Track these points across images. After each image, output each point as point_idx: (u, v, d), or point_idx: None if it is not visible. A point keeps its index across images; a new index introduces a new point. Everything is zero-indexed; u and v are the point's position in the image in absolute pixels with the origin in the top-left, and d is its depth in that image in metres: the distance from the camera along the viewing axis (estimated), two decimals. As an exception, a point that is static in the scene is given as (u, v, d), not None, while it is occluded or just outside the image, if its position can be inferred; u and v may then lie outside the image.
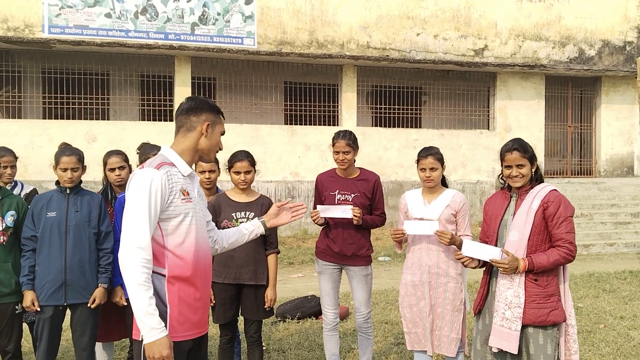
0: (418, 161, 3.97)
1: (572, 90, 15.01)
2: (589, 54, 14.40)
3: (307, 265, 10.27)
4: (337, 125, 13.08)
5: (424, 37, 13.40)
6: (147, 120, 12.46)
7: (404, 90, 13.82)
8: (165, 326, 2.44)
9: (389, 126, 13.59)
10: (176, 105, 11.92)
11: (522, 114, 14.07)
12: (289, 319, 6.32)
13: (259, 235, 3.08)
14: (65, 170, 3.81)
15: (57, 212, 3.78)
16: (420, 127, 14.10)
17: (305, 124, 13.15)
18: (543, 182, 3.39)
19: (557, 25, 14.16)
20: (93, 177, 7.04)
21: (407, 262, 4.01)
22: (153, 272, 2.47)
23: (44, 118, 12.16)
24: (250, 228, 3.05)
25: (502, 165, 3.38)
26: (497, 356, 3.32)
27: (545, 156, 14.42)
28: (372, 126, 13.70)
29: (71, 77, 11.87)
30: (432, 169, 3.91)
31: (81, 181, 3.92)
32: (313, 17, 12.78)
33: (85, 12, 11.40)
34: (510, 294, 3.22)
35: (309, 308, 6.49)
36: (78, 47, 11.34)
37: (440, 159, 3.94)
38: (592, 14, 14.34)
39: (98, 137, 11.26)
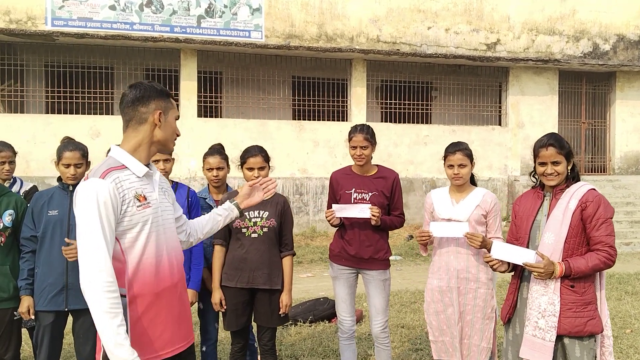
0: (445, 157, 3.69)
1: (586, 86, 14.69)
2: (604, 49, 14.06)
3: (317, 265, 10.02)
4: (346, 120, 12.82)
5: (435, 31, 13.09)
6: (152, 115, 12.20)
7: (414, 85, 13.53)
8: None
9: (399, 122, 13.31)
10: (182, 100, 11.70)
11: (535, 110, 13.77)
12: (300, 322, 6.06)
13: (233, 219, 2.84)
14: (68, 166, 3.57)
15: (58, 210, 3.53)
16: (430, 122, 13.82)
17: (314, 120, 12.89)
18: (580, 180, 3.12)
19: (571, 19, 13.82)
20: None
21: (434, 266, 3.74)
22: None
23: (47, 113, 11.91)
24: (223, 213, 2.80)
25: (535, 162, 3.12)
26: None
27: (559, 153, 14.10)
28: (382, 122, 13.42)
29: (75, 71, 11.62)
30: (460, 165, 3.63)
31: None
32: (322, 10, 12.48)
33: (89, 4, 11.12)
34: (545, 301, 2.97)
35: (322, 311, 6.24)
36: (81, 40, 11.08)
37: (470, 155, 3.66)
38: (606, 8, 13.99)
39: (102, 132, 11.01)
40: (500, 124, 13.97)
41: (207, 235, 2.79)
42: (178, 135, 2.48)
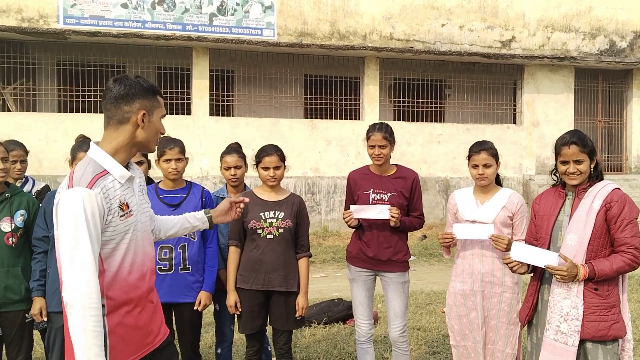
0: (470, 157, 3.57)
1: (603, 84, 14.46)
2: (620, 46, 13.84)
3: (329, 265, 9.93)
4: (359, 119, 12.71)
5: (449, 28, 12.94)
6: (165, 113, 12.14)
7: (428, 83, 13.38)
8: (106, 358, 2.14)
9: (412, 120, 13.17)
10: (194, 99, 11.64)
11: (550, 108, 13.58)
12: (315, 323, 5.96)
13: (201, 229, 2.77)
14: None
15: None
16: (443, 121, 13.67)
17: (326, 118, 12.77)
18: (603, 179, 3.00)
19: (587, 16, 13.62)
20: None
21: (457, 269, 3.62)
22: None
23: (59, 111, 11.88)
24: (193, 222, 2.68)
25: (556, 160, 3.00)
26: None
27: (574, 152, 13.91)
28: (395, 120, 13.28)
29: (87, 70, 11.59)
30: (485, 165, 3.52)
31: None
32: (335, 7, 12.37)
33: (101, 3, 11.08)
34: (567, 305, 2.86)
35: (336, 312, 6.13)
36: (94, 38, 11.05)
37: (495, 155, 3.55)
38: (623, 5, 13.78)
39: (114, 131, 10.97)
40: (515, 123, 13.79)
41: (169, 237, 2.68)
42: (162, 133, 2.36)
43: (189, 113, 11.86)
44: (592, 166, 2.95)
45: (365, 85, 12.65)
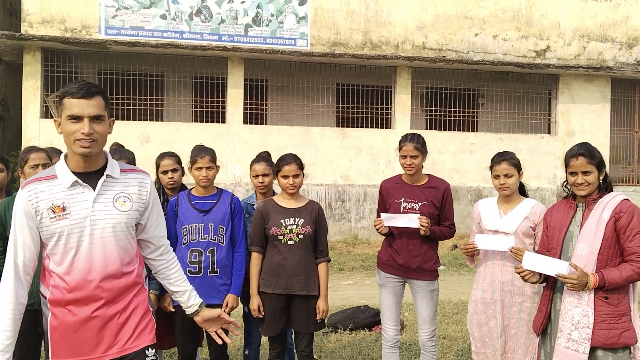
0: (492, 167, 3.64)
1: (640, 94, 14.21)
2: (659, 56, 13.59)
3: (358, 272, 9.99)
4: (390, 128, 12.76)
5: (483, 38, 12.93)
6: (200, 121, 12.45)
7: (461, 92, 13.36)
8: (48, 353, 2.32)
9: (444, 129, 13.17)
10: (229, 107, 11.90)
11: (585, 119, 13.39)
12: (340, 329, 6.05)
13: (186, 311, 2.65)
14: None
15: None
16: (477, 130, 13.62)
17: (357, 127, 12.86)
18: (612, 190, 3.04)
19: (624, 26, 13.43)
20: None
21: (479, 278, 3.68)
22: (40, 293, 2.38)
23: (99, 118, 12.26)
24: (187, 301, 2.61)
25: (566, 172, 3.06)
26: None
27: (610, 163, 13.67)
28: (426, 129, 13.30)
29: (126, 78, 11.97)
30: (506, 175, 3.57)
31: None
32: (367, 17, 12.50)
33: (140, 14, 11.47)
34: (578, 313, 2.92)
35: (362, 319, 6.21)
36: (133, 48, 11.40)
37: (517, 165, 3.60)
38: (662, 14, 13.55)
39: (152, 138, 11.29)
40: (549, 133, 13.64)
41: (158, 276, 2.65)
42: (84, 134, 2.25)
43: (223, 121, 12.13)
44: (601, 178, 3.00)
45: (397, 94, 12.70)
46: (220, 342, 2.66)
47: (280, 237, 3.80)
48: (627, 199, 2.98)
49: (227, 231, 3.83)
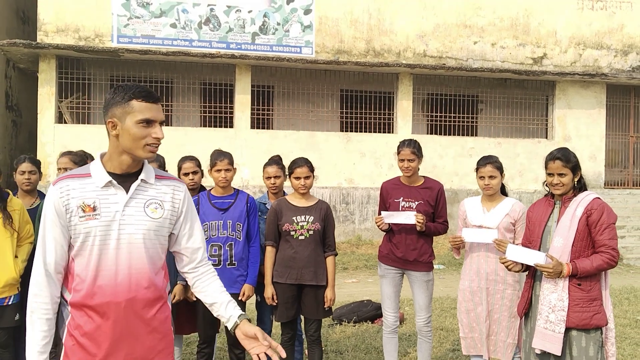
0: (477, 169, 4.08)
1: (635, 100, 14.59)
2: (654, 62, 13.99)
3: (361, 271, 10.40)
4: (392, 132, 13.18)
5: (481, 46, 13.36)
6: (208, 126, 12.91)
7: (461, 98, 13.79)
8: (59, 356, 2.24)
9: (445, 134, 13.59)
10: (237, 113, 12.35)
11: (581, 123, 13.81)
12: (345, 322, 6.47)
13: (226, 324, 2.39)
14: None
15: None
16: (476, 135, 14.02)
17: (361, 131, 13.31)
18: (587, 190, 3.45)
19: (619, 34, 13.85)
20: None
21: (465, 269, 4.12)
22: (62, 295, 2.26)
23: (112, 123, 12.71)
24: (225, 313, 2.37)
25: (546, 173, 3.47)
26: (540, 357, 3.41)
27: (606, 166, 14.08)
28: (428, 134, 13.72)
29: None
30: (491, 177, 4.01)
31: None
32: (370, 26, 12.95)
33: (152, 23, 11.94)
34: (554, 298, 3.31)
35: (365, 312, 6.63)
36: (145, 56, 11.84)
37: (499, 168, 4.03)
38: (657, 21, 13.96)
39: (162, 142, 11.69)
40: (546, 137, 14.05)
41: (201, 296, 2.47)
42: (156, 139, 2.24)
43: (231, 126, 12.58)
44: (577, 179, 3.41)
45: (398, 100, 13.13)
46: None
47: (292, 233, 4.23)
48: (598, 198, 3.39)
49: (243, 227, 4.25)
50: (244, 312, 2.40)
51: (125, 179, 2.25)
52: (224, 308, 2.37)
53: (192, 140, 11.68)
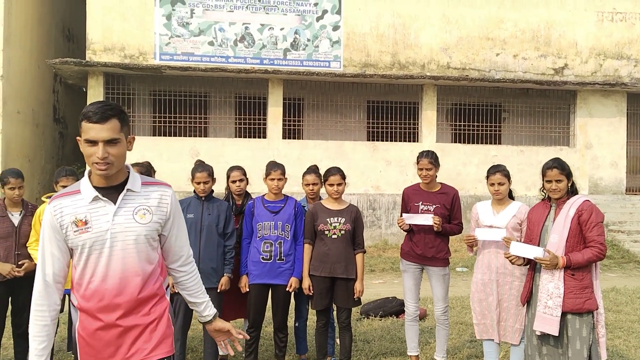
0: (488, 177, 4.67)
1: (656, 108, 14.89)
2: (675, 71, 14.28)
3: (387, 273, 10.96)
4: (417, 141, 13.71)
5: (504, 57, 13.85)
6: (242, 137, 13.66)
7: (484, 107, 14.23)
8: (76, 357, 2.46)
9: (468, 142, 14.03)
10: (269, 124, 13.06)
11: (602, 131, 14.15)
12: (372, 316, 7.08)
13: (200, 318, 2.70)
14: (199, 183, 4.79)
15: (194, 214, 4.75)
16: (500, 143, 14.45)
17: (387, 141, 13.83)
18: (577, 194, 4.02)
19: (638, 44, 14.18)
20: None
21: (478, 263, 4.71)
22: (70, 300, 2.52)
23: (153, 135, 13.58)
24: (202, 311, 2.66)
25: (543, 180, 4.05)
26: (541, 338, 3.97)
27: (628, 173, 14.38)
28: (452, 142, 14.22)
29: (177, 99, 13.23)
30: (500, 183, 4.60)
31: (212, 190, 4.89)
32: (395, 40, 13.57)
33: (191, 41, 12.77)
34: (552, 286, 3.86)
35: (390, 308, 7.22)
36: (185, 72, 12.65)
37: (507, 175, 4.63)
38: (678, 31, 14.25)
39: (200, 152, 12.51)
40: (568, 145, 14.41)
41: (184, 293, 2.68)
42: (99, 159, 2.29)
43: (264, 136, 13.30)
44: (569, 185, 3.99)
45: (423, 111, 13.67)
46: (225, 352, 2.77)
47: (326, 232, 4.87)
48: (588, 200, 3.95)
49: (291, 228, 4.90)
50: (217, 311, 2.72)
51: (112, 190, 2.39)
52: (204, 307, 2.65)
53: (228, 150, 12.43)
